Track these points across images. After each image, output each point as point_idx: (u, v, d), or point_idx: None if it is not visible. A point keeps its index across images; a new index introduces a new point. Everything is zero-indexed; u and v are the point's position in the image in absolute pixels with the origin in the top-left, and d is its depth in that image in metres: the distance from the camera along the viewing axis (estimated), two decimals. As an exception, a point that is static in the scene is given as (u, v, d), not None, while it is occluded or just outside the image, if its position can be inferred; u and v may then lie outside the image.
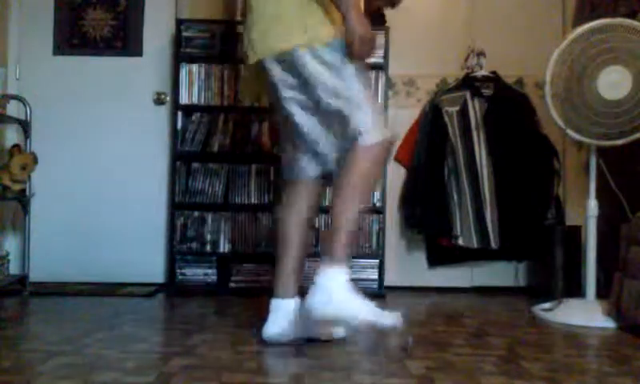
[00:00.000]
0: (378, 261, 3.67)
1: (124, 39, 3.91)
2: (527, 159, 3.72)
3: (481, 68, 3.85)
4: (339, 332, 2.44)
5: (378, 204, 3.71)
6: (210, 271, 3.66)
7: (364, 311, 2.18)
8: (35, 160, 3.51)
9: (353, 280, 3.63)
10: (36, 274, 3.66)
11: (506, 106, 3.79)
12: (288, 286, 2.42)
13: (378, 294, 3.62)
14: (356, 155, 2.30)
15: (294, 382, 1.90)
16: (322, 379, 1.94)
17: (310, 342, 2.35)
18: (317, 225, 3.63)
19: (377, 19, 3.77)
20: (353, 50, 2.25)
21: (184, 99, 3.72)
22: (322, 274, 2.22)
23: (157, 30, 3.90)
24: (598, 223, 3.07)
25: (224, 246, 3.68)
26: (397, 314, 2.23)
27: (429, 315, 3.13)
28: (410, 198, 3.83)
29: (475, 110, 3.80)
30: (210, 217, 3.68)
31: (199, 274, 3.66)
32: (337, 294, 2.19)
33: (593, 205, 3.07)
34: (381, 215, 3.71)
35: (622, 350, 2.43)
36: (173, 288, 3.64)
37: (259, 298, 3.45)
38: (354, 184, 2.29)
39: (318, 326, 2.37)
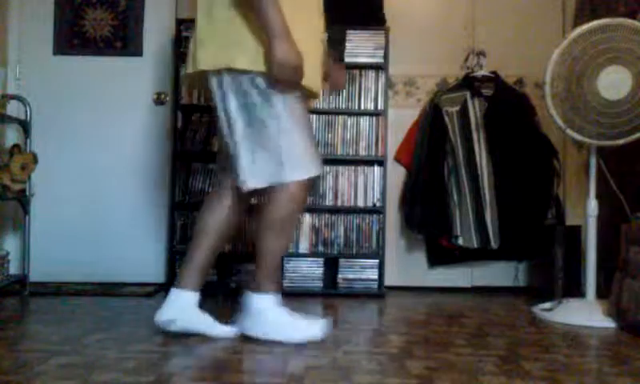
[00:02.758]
0: (377, 261, 3.67)
1: (124, 39, 3.92)
2: (527, 159, 3.72)
3: (481, 68, 3.85)
4: (231, 330, 2.50)
5: (377, 204, 3.71)
6: (209, 271, 3.66)
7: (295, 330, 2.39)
8: (35, 160, 3.52)
9: (354, 280, 3.70)
10: (36, 274, 3.66)
11: (506, 106, 3.79)
12: (194, 278, 2.52)
13: (378, 294, 3.63)
14: (273, 195, 2.41)
15: (293, 382, 1.90)
16: (322, 379, 1.94)
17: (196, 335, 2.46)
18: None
19: (377, 19, 3.78)
20: (274, 76, 2.24)
21: (184, 99, 3.72)
22: (250, 299, 2.46)
23: (157, 30, 3.91)
24: (598, 223, 3.07)
25: (224, 246, 3.68)
26: (322, 321, 2.45)
27: (429, 315, 3.13)
28: (410, 198, 3.83)
29: (475, 109, 3.80)
30: (210, 217, 3.68)
31: (199, 274, 3.66)
32: (268, 317, 2.42)
33: (593, 205, 3.07)
34: (381, 215, 3.71)
35: (622, 350, 2.43)
36: (173, 288, 3.64)
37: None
38: (266, 223, 2.41)
39: (213, 324, 2.51)
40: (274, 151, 2.34)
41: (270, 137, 2.33)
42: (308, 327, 2.43)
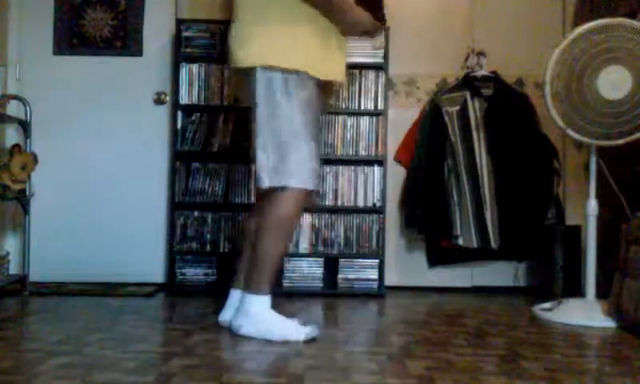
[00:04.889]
0: (377, 261, 3.67)
1: (124, 39, 3.91)
2: (527, 159, 3.72)
3: (481, 68, 3.85)
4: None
5: (378, 204, 3.71)
6: (209, 271, 3.67)
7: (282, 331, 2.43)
8: (35, 160, 3.52)
9: (354, 279, 3.69)
10: (36, 274, 3.66)
11: (506, 106, 3.79)
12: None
13: (378, 294, 3.63)
14: (273, 197, 2.49)
15: (293, 382, 1.90)
16: (322, 379, 1.94)
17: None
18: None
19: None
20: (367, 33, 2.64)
21: (184, 99, 3.72)
22: (246, 299, 2.50)
23: (157, 30, 3.90)
24: (598, 223, 3.07)
25: (224, 246, 3.68)
26: (312, 326, 2.47)
27: (429, 315, 3.13)
28: (410, 198, 3.82)
29: (475, 109, 3.80)
30: (209, 217, 3.68)
31: (199, 273, 3.66)
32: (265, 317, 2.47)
33: (593, 205, 3.07)
34: (381, 215, 3.71)
35: (622, 350, 2.44)
36: (173, 288, 3.64)
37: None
38: (264, 224, 2.49)
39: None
40: (284, 152, 2.44)
41: (284, 137, 2.44)
42: (296, 329, 2.44)
